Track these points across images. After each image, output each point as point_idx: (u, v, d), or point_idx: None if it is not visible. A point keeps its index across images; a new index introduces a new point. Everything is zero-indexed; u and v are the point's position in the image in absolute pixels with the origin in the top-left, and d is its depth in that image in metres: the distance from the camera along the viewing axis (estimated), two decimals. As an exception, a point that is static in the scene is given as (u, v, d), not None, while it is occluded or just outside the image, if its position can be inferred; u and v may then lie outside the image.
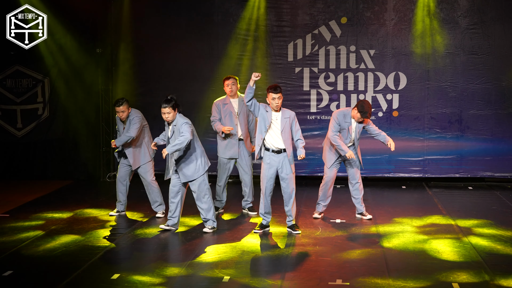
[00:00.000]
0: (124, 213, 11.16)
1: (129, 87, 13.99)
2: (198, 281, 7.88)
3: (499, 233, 9.92)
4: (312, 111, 13.85)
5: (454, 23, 13.51)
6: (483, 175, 13.78)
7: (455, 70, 13.51)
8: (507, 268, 8.27)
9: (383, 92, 13.67)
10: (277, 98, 9.72)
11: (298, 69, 13.79)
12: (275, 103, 9.73)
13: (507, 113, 13.54)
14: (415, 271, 8.27)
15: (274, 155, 9.83)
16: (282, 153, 9.84)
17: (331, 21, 13.70)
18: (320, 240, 9.58)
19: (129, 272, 8.11)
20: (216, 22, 13.85)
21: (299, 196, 12.43)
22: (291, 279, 7.93)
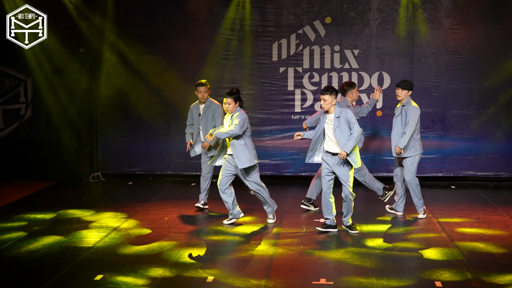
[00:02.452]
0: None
1: (113, 87, 13.95)
2: (182, 281, 7.87)
3: (481, 232, 9.97)
4: (297, 111, 13.86)
5: (437, 23, 13.56)
6: (466, 174, 13.85)
7: (438, 70, 13.56)
8: (489, 267, 8.31)
9: (367, 92, 13.70)
10: (323, 99, 9.74)
11: (283, 69, 13.80)
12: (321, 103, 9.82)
13: (490, 113, 13.61)
14: (398, 270, 8.30)
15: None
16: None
17: (315, 21, 13.72)
18: (304, 240, 9.60)
19: (112, 272, 8.09)
20: (200, 22, 13.83)
21: (283, 195, 12.46)
22: (275, 278, 7.94)
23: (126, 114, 14.01)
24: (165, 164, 14.08)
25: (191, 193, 12.88)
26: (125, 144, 14.05)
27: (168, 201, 12.09)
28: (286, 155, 13.86)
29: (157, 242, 9.42)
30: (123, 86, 13.95)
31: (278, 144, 13.72)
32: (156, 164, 14.09)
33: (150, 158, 14.06)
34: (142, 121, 14.03)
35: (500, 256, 8.82)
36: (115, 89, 13.95)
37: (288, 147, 13.82)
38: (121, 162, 14.11)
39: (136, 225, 10.41)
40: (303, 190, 12.79)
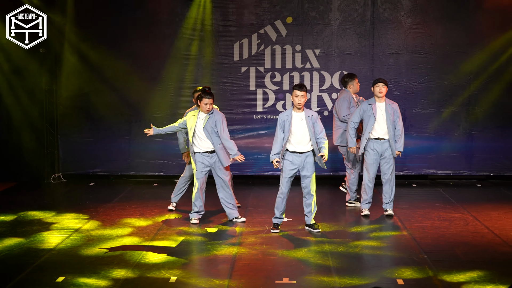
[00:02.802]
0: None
1: (73, 88, 13.83)
2: (145, 282, 7.84)
3: (442, 230, 10.07)
4: (259, 111, 13.88)
5: (398, 23, 13.67)
6: (427, 172, 13.99)
7: (398, 69, 13.67)
8: (450, 264, 8.41)
9: (329, 92, 13.77)
10: (300, 96, 9.76)
11: (244, 68, 13.81)
12: (298, 100, 9.80)
13: (450, 112, 13.76)
14: (360, 268, 8.36)
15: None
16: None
17: (276, 21, 13.75)
18: (267, 239, 9.62)
19: (74, 274, 8.03)
20: (161, 22, 13.78)
21: (246, 195, 12.47)
22: (238, 278, 7.94)
23: (87, 115, 13.91)
24: (126, 164, 14.01)
25: (153, 193, 12.84)
26: (86, 144, 13.94)
27: (130, 201, 12.03)
28: (248, 155, 13.81)
29: (119, 243, 9.37)
30: (84, 86, 13.84)
31: (240, 144, 13.68)
32: (118, 164, 14.01)
33: (112, 158, 13.97)
34: (103, 122, 13.94)
35: (461, 253, 8.92)
36: (75, 90, 13.83)
37: (250, 146, 13.83)
38: (82, 163, 13.99)
39: (98, 226, 10.34)
40: (265, 190, 12.84)
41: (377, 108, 10.70)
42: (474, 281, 7.79)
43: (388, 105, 10.75)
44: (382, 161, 10.82)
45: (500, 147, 13.84)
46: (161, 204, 11.71)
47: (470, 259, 8.65)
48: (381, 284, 7.68)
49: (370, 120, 10.68)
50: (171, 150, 13.74)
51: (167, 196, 12.33)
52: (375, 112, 10.67)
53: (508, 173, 13.95)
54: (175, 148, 13.57)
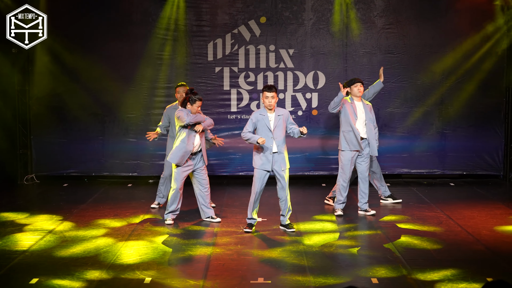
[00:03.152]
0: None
1: (46, 88, 13.73)
2: (120, 283, 7.81)
3: (415, 229, 10.14)
4: (233, 111, 13.88)
5: (371, 23, 13.74)
6: (400, 171, 14.07)
7: (372, 69, 13.72)
8: (424, 263, 8.46)
9: (303, 91, 13.81)
10: (270, 97, 9.79)
11: (218, 68, 13.80)
12: (268, 101, 9.83)
13: (422, 111, 13.85)
14: (335, 268, 8.40)
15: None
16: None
17: (250, 21, 13.76)
18: (241, 239, 9.62)
19: (48, 276, 7.98)
20: (135, 22, 13.73)
21: (220, 195, 12.47)
22: (213, 278, 7.94)
23: (60, 115, 13.82)
24: (100, 165, 13.94)
25: (127, 194, 12.80)
26: (60, 145, 13.86)
27: (104, 202, 11.97)
28: (223, 155, 13.86)
29: (93, 244, 9.33)
30: (57, 87, 13.75)
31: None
32: (92, 165, 13.94)
33: (86, 159, 13.90)
34: (76, 122, 13.86)
35: (435, 252, 8.98)
36: (48, 90, 13.73)
37: (224, 147, 13.75)
38: (55, 164, 13.90)
39: (72, 227, 10.29)
40: (239, 190, 12.84)
41: (357, 107, 10.81)
42: (447, 279, 7.85)
43: (366, 105, 10.87)
44: (360, 160, 10.88)
45: (473, 146, 13.96)
46: (136, 205, 11.69)
47: (443, 258, 8.71)
48: (355, 283, 7.72)
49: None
50: (145, 151, 13.71)
51: (142, 196, 12.34)
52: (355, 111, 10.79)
53: (480, 172, 14.07)
54: (149, 149, 13.59)
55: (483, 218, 10.73)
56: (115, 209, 11.41)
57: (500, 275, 7.93)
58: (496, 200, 12.19)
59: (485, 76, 13.76)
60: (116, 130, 13.86)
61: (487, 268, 8.27)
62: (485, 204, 11.78)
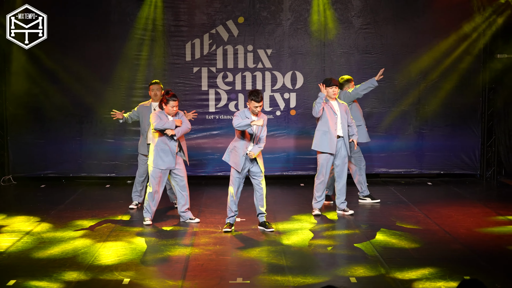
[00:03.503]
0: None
1: (23, 88, 13.63)
2: (98, 284, 7.78)
3: (394, 228, 10.18)
4: (211, 111, 13.87)
5: (348, 23, 13.78)
6: (378, 171, 14.13)
7: (350, 69, 13.76)
8: (402, 261, 8.50)
9: (281, 91, 13.82)
10: (259, 107, 9.81)
11: (196, 68, 13.78)
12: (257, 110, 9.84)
13: (400, 110, 13.92)
14: (313, 267, 8.42)
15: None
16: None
17: (228, 21, 13.75)
18: (220, 239, 9.62)
19: (25, 277, 7.93)
20: (112, 22, 13.68)
21: (199, 195, 12.45)
22: (192, 279, 7.93)
23: (37, 116, 13.73)
24: (78, 166, 13.87)
25: (105, 195, 12.75)
26: (37, 146, 13.77)
27: (82, 203, 11.92)
28: (201, 155, 13.85)
29: (71, 245, 9.29)
30: (34, 87, 13.66)
31: (193, 144, 13.68)
32: (69, 166, 13.87)
33: (63, 160, 13.83)
34: (54, 123, 13.78)
35: (412, 251, 9.03)
36: (25, 90, 13.63)
37: (203, 147, 13.82)
38: (33, 165, 13.82)
39: (49, 228, 10.23)
40: (218, 190, 12.82)
41: (333, 106, 10.84)
42: (425, 278, 7.89)
43: (341, 104, 10.90)
44: (337, 160, 10.89)
45: (450, 146, 14.04)
46: (114, 206, 11.64)
47: (421, 256, 8.76)
48: (334, 283, 7.73)
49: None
50: (123, 151, 13.67)
51: (120, 197, 12.29)
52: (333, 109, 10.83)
53: (457, 171, 14.16)
54: (127, 149, 13.54)
55: (461, 217, 10.80)
56: (93, 210, 11.36)
57: (478, 273, 7.98)
58: (473, 199, 12.27)
59: (462, 75, 13.86)
60: (93, 131, 13.80)
61: (465, 267, 8.32)
62: (462, 203, 11.86)
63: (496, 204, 11.90)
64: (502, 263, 8.51)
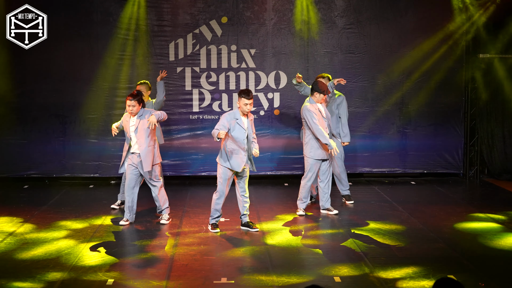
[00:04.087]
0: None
1: (6, 88, 13.55)
2: (81, 285, 7.76)
3: (377, 227, 10.21)
4: (195, 111, 13.85)
5: (332, 23, 13.81)
6: (362, 170, 14.16)
7: (333, 68, 13.79)
8: (386, 261, 8.53)
9: (264, 91, 13.83)
10: (249, 104, 9.79)
11: (180, 68, 13.76)
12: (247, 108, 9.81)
13: (383, 110, 13.96)
14: (298, 267, 8.43)
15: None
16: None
17: (211, 21, 13.74)
18: (204, 239, 9.61)
19: (9, 279, 7.90)
20: (95, 22, 13.63)
21: (182, 195, 12.44)
22: (176, 279, 7.93)
23: (20, 116, 13.66)
24: (61, 166, 13.81)
25: (89, 195, 12.71)
26: (20, 146, 13.70)
27: (66, 204, 11.87)
28: (185, 155, 13.83)
29: (54, 246, 9.25)
30: (16, 87, 13.59)
31: (177, 144, 13.68)
32: (53, 166, 13.81)
33: (46, 160, 13.77)
34: (36, 123, 13.72)
35: (396, 250, 9.06)
36: (8, 90, 13.56)
37: (186, 147, 13.80)
38: (15, 165, 13.74)
39: (32, 229, 10.19)
40: (202, 190, 12.83)
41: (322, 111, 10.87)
42: (409, 277, 7.92)
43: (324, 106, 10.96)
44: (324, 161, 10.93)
45: (433, 145, 14.10)
46: (97, 206, 11.61)
47: (405, 256, 8.79)
48: (318, 282, 7.75)
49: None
50: (107, 151, 13.62)
51: (103, 197, 12.26)
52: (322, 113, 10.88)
53: (440, 170, 14.22)
54: (111, 149, 13.50)
55: (444, 216, 10.85)
56: (77, 211, 11.32)
57: (461, 272, 8.02)
58: (456, 198, 12.34)
59: (445, 75, 13.92)
60: (77, 131, 13.74)
61: (448, 265, 8.36)
62: (445, 202, 11.91)
63: (479, 203, 11.98)
64: (485, 262, 8.56)
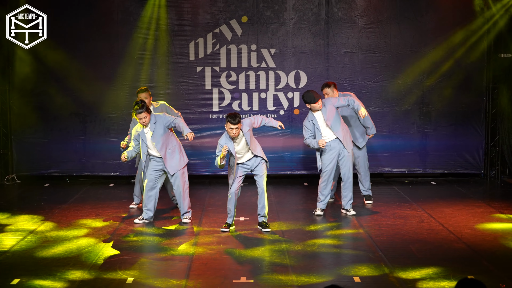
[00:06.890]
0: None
1: (27, 88, 13.66)
2: (101, 283, 7.79)
3: (397, 227, 10.17)
4: (215, 110, 13.87)
5: (352, 22, 13.77)
6: (382, 170, 14.12)
7: (353, 68, 13.76)
8: (406, 261, 8.50)
9: (284, 91, 13.82)
10: (235, 129, 9.61)
11: (200, 68, 13.78)
12: (233, 133, 9.65)
13: (403, 110, 13.91)
14: (317, 267, 8.41)
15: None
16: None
17: (232, 20, 13.75)
18: (224, 239, 9.62)
19: (29, 276, 7.94)
20: (116, 21, 13.68)
21: (202, 195, 12.46)
22: (195, 278, 7.93)
23: (41, 115, 13.74)
24: (82, 165, 13.88)
25: (109, 194, 12.76)
26: (41, 145, 13.79)
27: (86, 202, 11.93)
28: (205, 155, 13.85)
29: (75, 244, 9.30)
30: (37, 86, 13.68)
31: (197, 143, 13.69)
32: (73, 165, 13.88)
33: (67, 159, 13.84)
34: (57, 122, 13.80)
35: (416, 250, 9.02)
36: (29, 90, 13.66)
37: (206, 146, 13.82)
38: (36, 164, 13.83)
39: (53, 227, 10.24)
40: (221, 189, 12.82)
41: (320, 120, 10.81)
42: (429, 277, 7.89)
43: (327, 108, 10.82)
44: (341, 161, 10.85)
45: (453, 145, 14.03)
46: (117, 205, 11.65)
47: (425, 256, 8.75)
48: (338, 282, 7.73)
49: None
50: (127, 150, 13.64)
51: (123, 196, 12.30)
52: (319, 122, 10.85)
53: (461, 170, 14.14)
54: (131, 148, 13.51)
55: (464, 217, 10.79)
56: (97, 209, 11.37)
57: (481, 273, 7.98)
58: (476, 199, 12.26)
59: (466, 75, 13.84)
60: (97, 130, 13.81)
61: (468, 266, 8.31)
62: (466, 203, 11.84)
63: (500, 203, 11.89)
64: (506, 263, 8.50)
